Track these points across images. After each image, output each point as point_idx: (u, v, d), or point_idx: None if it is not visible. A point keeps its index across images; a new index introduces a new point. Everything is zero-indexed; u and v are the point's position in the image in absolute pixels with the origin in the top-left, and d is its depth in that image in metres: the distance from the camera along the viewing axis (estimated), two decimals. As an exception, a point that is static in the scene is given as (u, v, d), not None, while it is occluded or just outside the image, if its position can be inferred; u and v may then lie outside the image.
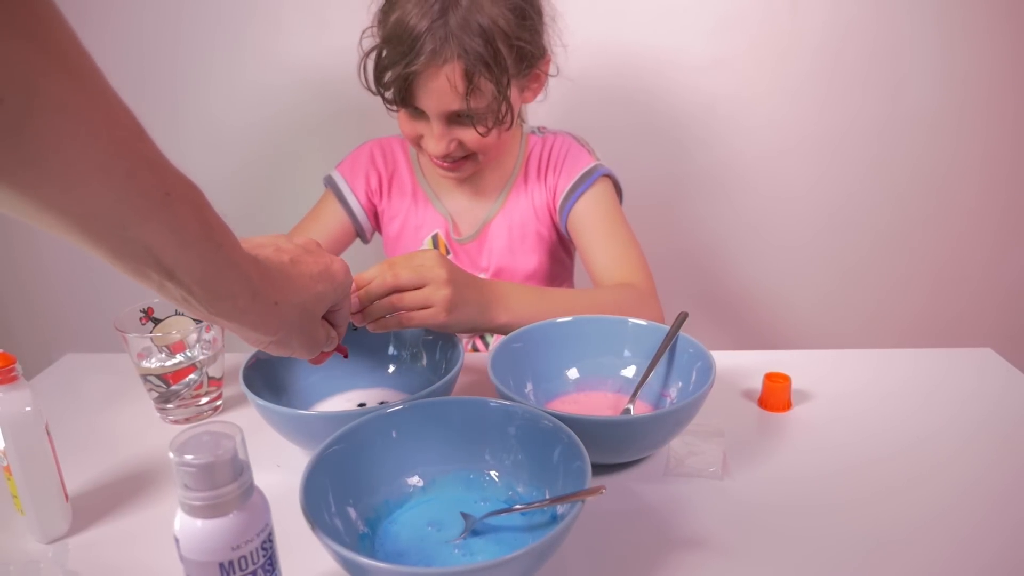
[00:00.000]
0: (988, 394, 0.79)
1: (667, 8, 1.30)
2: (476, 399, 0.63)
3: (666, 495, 0.65)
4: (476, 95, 0.85)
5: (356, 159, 1.09)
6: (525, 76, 0.92)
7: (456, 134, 0.90)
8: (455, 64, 0.83)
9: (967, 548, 0.58)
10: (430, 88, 0.85)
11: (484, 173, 1.03)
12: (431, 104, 0.87)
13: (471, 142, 0.91)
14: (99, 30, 1.37)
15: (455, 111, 0.87)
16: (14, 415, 0.58)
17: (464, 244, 1.07)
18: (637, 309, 0.84)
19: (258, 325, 0.51)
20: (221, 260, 0.46)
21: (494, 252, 1.05)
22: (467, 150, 0.92)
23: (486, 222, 1.05)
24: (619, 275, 0.94)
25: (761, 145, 1.39)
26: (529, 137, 1.06)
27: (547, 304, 0.83)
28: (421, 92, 0.86)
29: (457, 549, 0.56)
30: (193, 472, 0.42)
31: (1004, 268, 1.48)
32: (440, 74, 0.84)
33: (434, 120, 0.89)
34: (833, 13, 1.30)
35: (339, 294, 0.60)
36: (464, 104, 0.85)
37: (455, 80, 0.84)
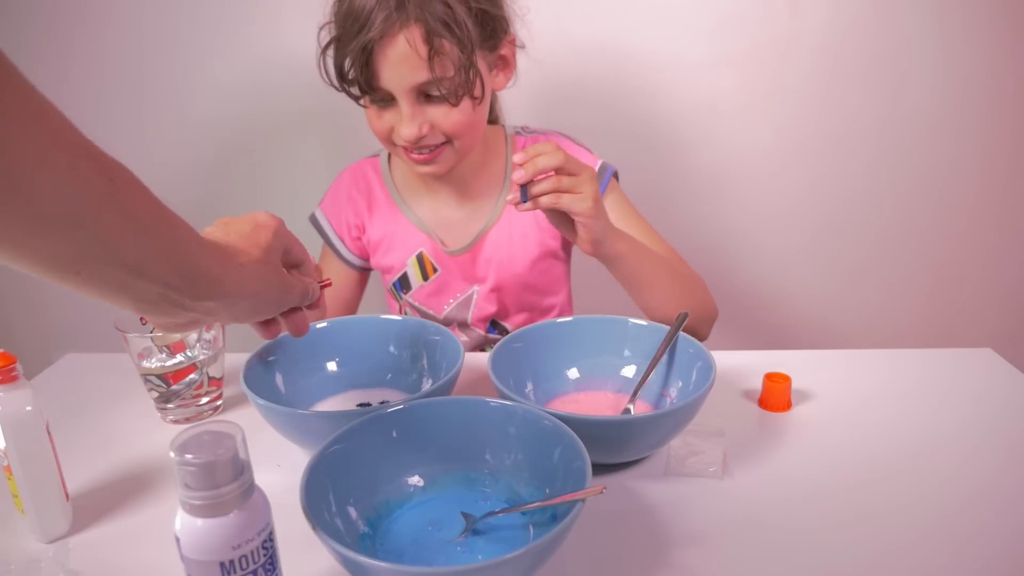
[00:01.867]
0: (988, 394, 0.80)
1: (667, 8, 1.30)
2: (476, 399, 0.63)
3: (666, 495, 0.65)
4: (440, 61, 0.81)
5: (334, 197, 1.06)
6: (491, 51, 0.88)
7: (427, 115, 0.86)
8: (413, 28, 0.79)
9: (968, 548, 0.58)
10: (391, 59, 0.81)
11: (467, 178, 0.99)
12: (395, 78, 0.82)
13: (444, 123, 0.86)
14: (98, 30, 1.37)
15: (421, 85, 0.83)
16: (14, 415, 0.58)
17: (457, 256, 1.02)
18: (702, 293, 0.90)
19: (237, 290, 0.50)
20: (181, 238, 0.45)
21: (493, 263, 1.01)
22: (441, 135, 0.87)
23: (483, 232, 1.01)
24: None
25: (761, 145, 1.39)
26: (515, 138, 1.03)
27: (650, 256, 0.87)
28: (383, 67, 0.82)
29: (457, 548, 0.56)
30: (194, 471, 0.42)
31: (1004, 268, 1.48)
32: (399, 40, 0.80)
33: (402, 99, 0.84)
34: (833, 13, 1.30)
35: (283, 238, 0.58)
36: (429, 71, 0.81)
37: (416, 44, 0.80)
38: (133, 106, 1.42)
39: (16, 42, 1.38)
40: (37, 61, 1.39)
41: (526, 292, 1.03)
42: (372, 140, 0.94)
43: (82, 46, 1.38)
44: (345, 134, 1.41)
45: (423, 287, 1.04)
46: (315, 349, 0.80)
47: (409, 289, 1.05)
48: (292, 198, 1.48)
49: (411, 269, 1.04)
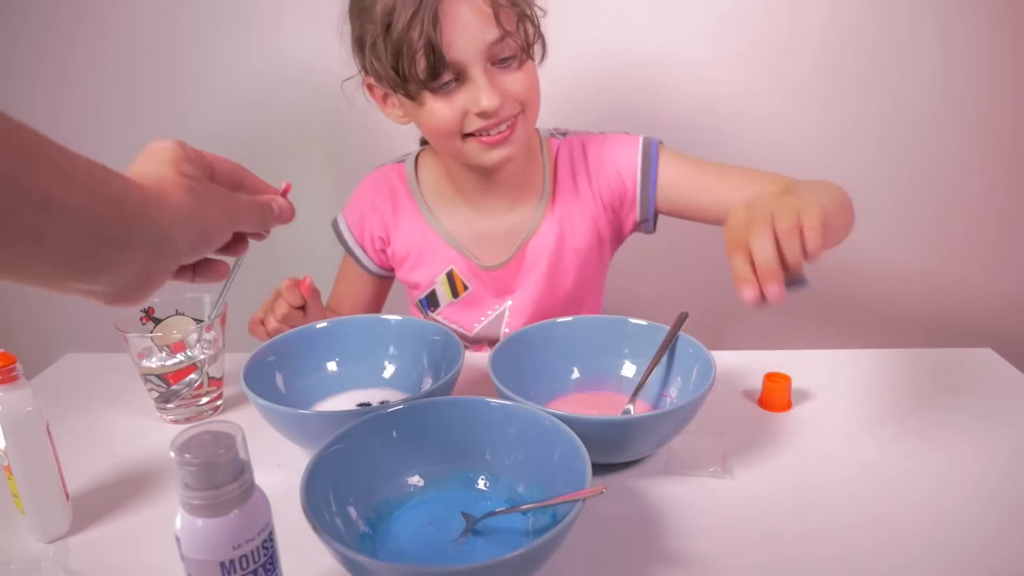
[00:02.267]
0: (988, 394, 0.79)
1: (667, 8, 1.30)
2: (476, 399, 0.63)
3: (666, 495, 0.65)
4: (504, 14, 0.79)
5: (357, 204, 1.03)
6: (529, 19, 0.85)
7: (499, 84, 0.82)
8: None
9: (967, 547, 0.58)
10: (459, 22, 0.77)
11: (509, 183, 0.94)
12: (465, 41, 0.78)
13: (516, 89, 0.83)
14: (100, 30, 1.37)
15: (492, 44, 0.79)
16: (15, 415, 0.58)
17: (494, 271, 0.97)
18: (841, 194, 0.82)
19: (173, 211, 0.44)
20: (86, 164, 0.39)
21: (532, 276, 0.96)
22: (515, 105, 0.83)
23: (523, 243, 0.96)
24: (769, 181, 0.89)
25: (761, 145, 1.39)
26: (550, 141, 0.98)
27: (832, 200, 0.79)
28: (452, 34, 0.78)
29: (457, 548, 0.56)
30: (194, 471, 0.42)
31: (1004, 268, 1.48)
32: (462, 3, 0.78)
33: (475, 67, 0.80)
34: (832, 13, 1.30)
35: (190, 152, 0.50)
36: (498, 27, 0.78)
37: (481, 2, 0.78)
38: (133, 107, 1.42)
39: (16, 43, 1.38)
40: (37, 62, 1.39)
41: (559, 304, 0.98)
42: (372, 144, 0.94)
43: (82, 47, 1.38)
44: (345, 137, 1.41)
45: (452, 304, 1.00)
46: (315, 349, 0.80)
47: (437, 307, 1.01)
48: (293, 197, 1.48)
49: (440, 287, 0.99)
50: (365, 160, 1.44)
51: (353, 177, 1.32)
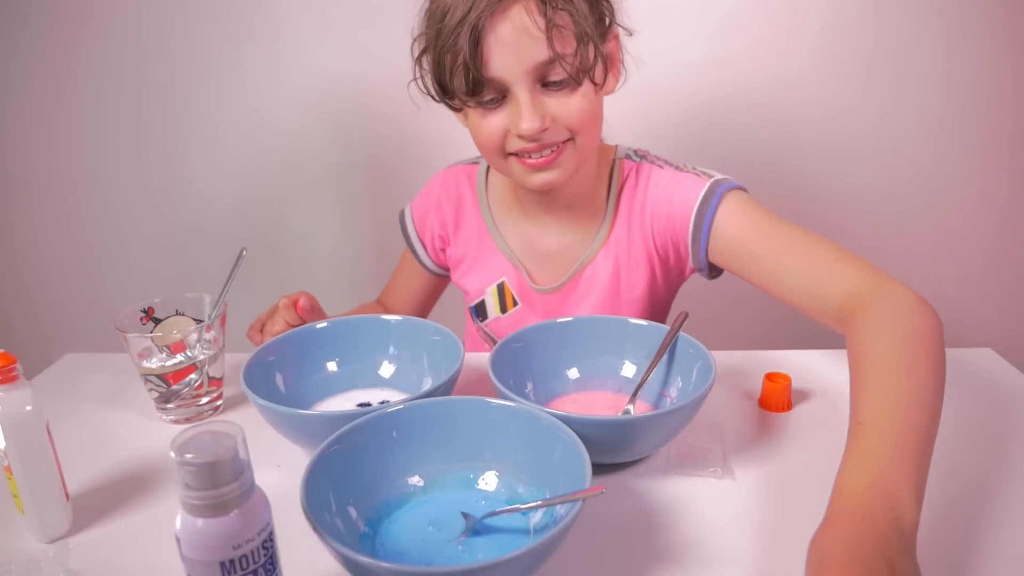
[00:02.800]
0: (988, 394, 0.79)
1: (667, 8, 1.30)
2: (476, 399, 0.63)
3: (666, 495, 0.65)
4: (559, 35, 0.72)
5: (424, 200, 1.00)
6: (602, 37, 0.78)
7: (546, 106, 0.76)
8: (528, 3, 0.72)
9: (967, 548, 0.58)
10: (504, 38, 0.72)
11: (572, 202, 0.89)
12: (510, 60, 0.73)
13: (566, 113, 0.76)
14: (98, 32, 1.37)
15: (541, 65, 0.73)
16: (14, 415, 0.58)
17: (546, 294, 0.93)
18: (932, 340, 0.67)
19: None
20: None
21: (584, 304, 0.92)
22: (564, 130, 0.78)
23: (580, 268, 0.91)
24: (834, 281, 0.73)
25: (761, 145, 1.39)
26: (623, 163, 0.90)
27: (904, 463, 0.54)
28: (495, 50, 0.73)
29: (457, 548, 0.56)
30: (194, 471, 0.42)
31: (1005, 268, 1.48)
32: (512, 15, 0.72)
33: (519, 86, 0.74)
34: (832, 13, 1.30)
35: None
36: (549, 48, 0.72)
37: (532, 16, 0.71)
38: (133, 109, 1.42)
39: (17, 44, 1.38)
40: (38, 63, 1.39)
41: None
42: (374, 152, 0.93)
43: (83, 47, 1.38)
44: (349, 143, 1.41)
45: (500, 319, 0.98)
46: (315, 349, 0.80)
47: (486, 317, 0.99)
48: (294, 197, 1.49)
49: (489, 298, 0.97)
50: (368, 167, 1.44)
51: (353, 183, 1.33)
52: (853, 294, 0.71)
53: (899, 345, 0.66)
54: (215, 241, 1.47)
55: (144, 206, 1.49)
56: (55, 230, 1.54)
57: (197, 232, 1.49)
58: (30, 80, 1.40)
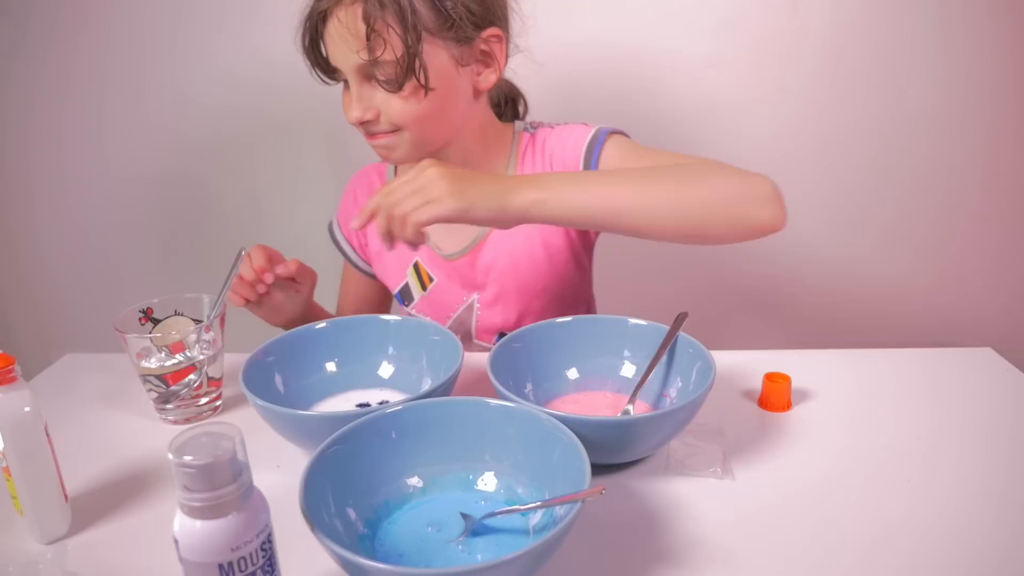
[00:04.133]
0: (988, 394, 0.79)
1: (667, 8, 1.30)
2: (476, 399, 0.63)
3: (666, 495, 0.64)
4: (379, 43, 0.77)
5: (344, 205, 1.05)
6: (458, 43, 0.82)
7: (375, 100, 0.82)
8: (355, 6, 0.77)
9: (967, 548, 0.58)
10: (332, 35, 0.80)
11: None
12: (339, 58, 0.81)
13: (390, 111, 0.82)
14: (101, 32, 1.37)
15: (363, 65, 0.80)
16: (14, 415, 0.58)
17: (454, 260, 0.97)
18: (731, 170, 0.75)
19: None
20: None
21: (495, 269, 0.95)
22: (389, 123, 0.83)
23: (483, 235, 0.95)
24: None
25: (762, 145, 1.39)
26: (521, 135, 0.96)
27: (595, 174, 0.75)
28: (329, 45, 0.81)
29: (457, 549, 0.56)
30: (192, 473, 0.42)
31: (1006, 268, 1.48)
32: (340, 16, 0.79)
33: (349, 78, 0.82)
34: (834, 13, 1.29)
35: None
36: (368, 53, 0.78)
37: (353, 22, 0.77)
38: (134, 109, 1.42)
39: (18, 43, 1.38)
40: (39, 62, 1.39)
41: (533, 301, 0.97)
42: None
43: (84, 47, 1.38)
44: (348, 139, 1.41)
45: (423, 298, 1.01)
46: (315, 349, 0.80)
47: (411, 300, 1.02)
48: (293, 197, 1.49)
49: (411, 279, 1.01)
50: (368, 162, 1.44)
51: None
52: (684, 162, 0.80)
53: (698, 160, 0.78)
54: (215, 241, 1.47)
55: (144, 206, 1.49)
56: (55, 230, 1.54)
57: (197, 232, 1.49)
58: (30, 80, 1.40)
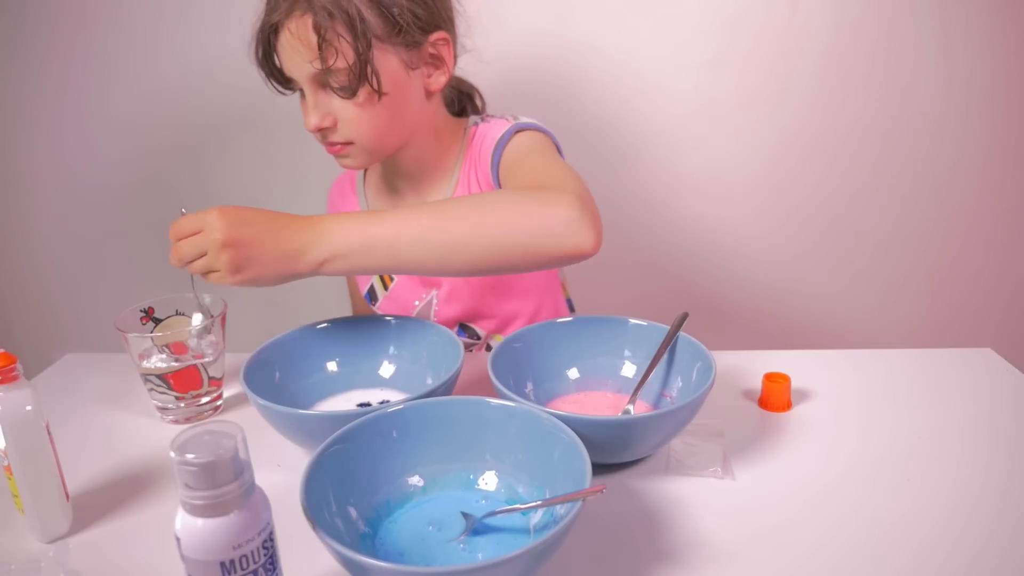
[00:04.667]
0: (988, 394, 0.80)
1: (667, 8, 1.30)
2: (476, 399, 0.63)
3: (666, 495, 0.65)
4: (331, 52, 0.78)
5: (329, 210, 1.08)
6: (407, 48, 0.83)
7: (331, 108, 0.83)
8: (304, 17, 0.78)
9: (967, 548, 0.58)
10: (285, 46, 0.81)
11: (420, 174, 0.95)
12: (293, 68, 0.82)
13: (345, 120, 0.83)
14: (101, 32, 1.37)
15: (317, 74, 0.80)
16: (14, 415, 0.58)
17: None
18: (533, 198, 0.71)
19: None
20: None
21: None
22: (344, 133, 0.84)
23: None
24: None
25: (762, 145, 1.39)
26: (472, 129, 0.96)
27: (381, 223, 0.70)
28: (283, 56, 0.82)
29: (458, 548, 0.56)
30: (194, 471, 0.42)
31: (1008, 269, 1.48)
32: (292, 27, 0.79)
33: (305, 87, 0.83)
34: (835, 13, 1.30)
35: None
36: (320, 62, 0.78)
37: (304, 32, 0.78)
38: (135, 108, 1.42)
39: (18, 43, 1.38)
40: (39, 62, 1.39)
41: (486, 295, 0.98)
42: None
43: (84, 46, 1.38)
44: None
45: (386, 297, 1.04)
46: (315, 349, 0.80)
47: (376, 300, 1.05)
48: (294, 197, 1.49)
49: (374, 280, 1.04)
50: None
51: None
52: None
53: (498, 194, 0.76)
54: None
55: (144, 206, 1.49)
56: (55, 230, 1.54)
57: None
58: (31, 79, 1.40)
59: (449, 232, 0.70)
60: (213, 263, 0.69)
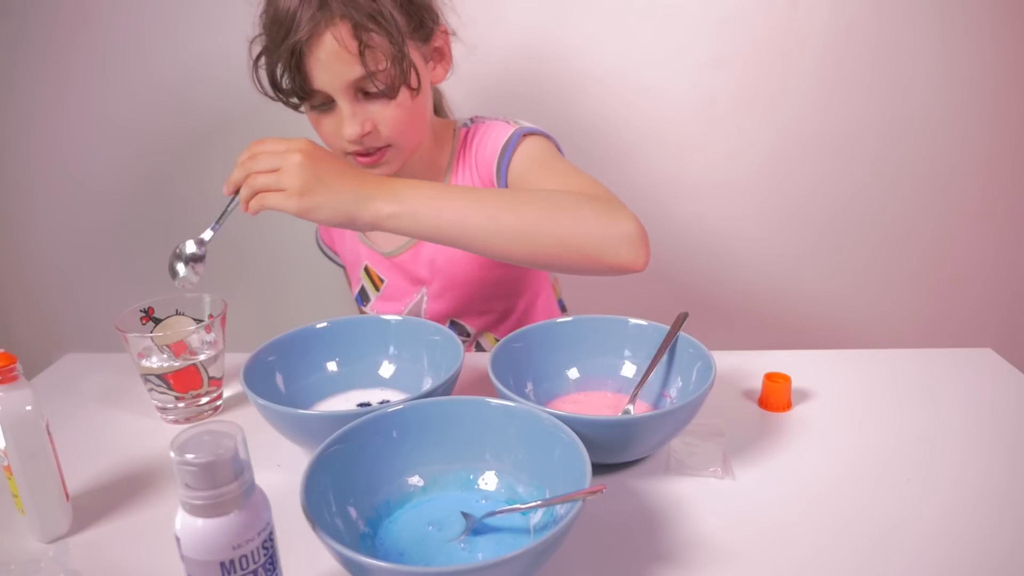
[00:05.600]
0: (988, 394, 0.80)
1: (667, 8, 1.30)
2: (476, 399, 0.63)
3: (666, 495, 0.65)
4: (372, 54, 0.78)
5: None
6: (424, 42, 0.85)
7: (368, 112, 0.82)
8: (340, 25, 0.77)
9: (967, 548, 0.58)
10: (321, 59, 0.78)
11: (414, 174, 0.94)
12: (328, 78, 0.79)
13: (385, 122, 0.83)
14: (101, 31, 1.37)
15: (357, 81, 0.80)
16: (14, 415, 0.58)
17: (395, 257, 0.99)
18: (598, 208, 0.74)
19: None
20: None
21: (437, 263, 0.97)
22: (383, 137, 0.84)
23: None
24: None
25: (762, 146, 1.39)
26: (462, 130, 0.97)
27: (453, 193, 0.74)
28: (315, 68, 0.79)
29: (458, 548, 0.56)
30: (194, 471, 0.42)
31: (1007, 269, 1.48)
32: (327, 39, 0.77)
33: (340, 98, 0.81)
34: (835, 13, 1.30)
35: None
36: (362, 66, 0.78)
37: (344, 40, 0.77)
38: (135, 108, 1.42)
39: (18, 42, 1.38)
40: (39, 61, 1.39)
41: (477, 293, 0.99)
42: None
43: (84, 45, 1.38)
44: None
45: (378, 297, 1.04)
46: (315, 349, 0.80)
47: (369, 301, 1.06)
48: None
49: (366, 283, 1.05)
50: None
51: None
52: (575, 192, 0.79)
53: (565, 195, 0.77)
54: (216, 241, 1.46)
55: (145, 206, 1.49)
56: (55, 230, 1.54)
57: (198, 232, 1.49)
58: (31, 79, 1.40)
59: (522, 218, 0.73)
60: (283, 179, 0.69)
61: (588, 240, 0.73)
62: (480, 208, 0.73)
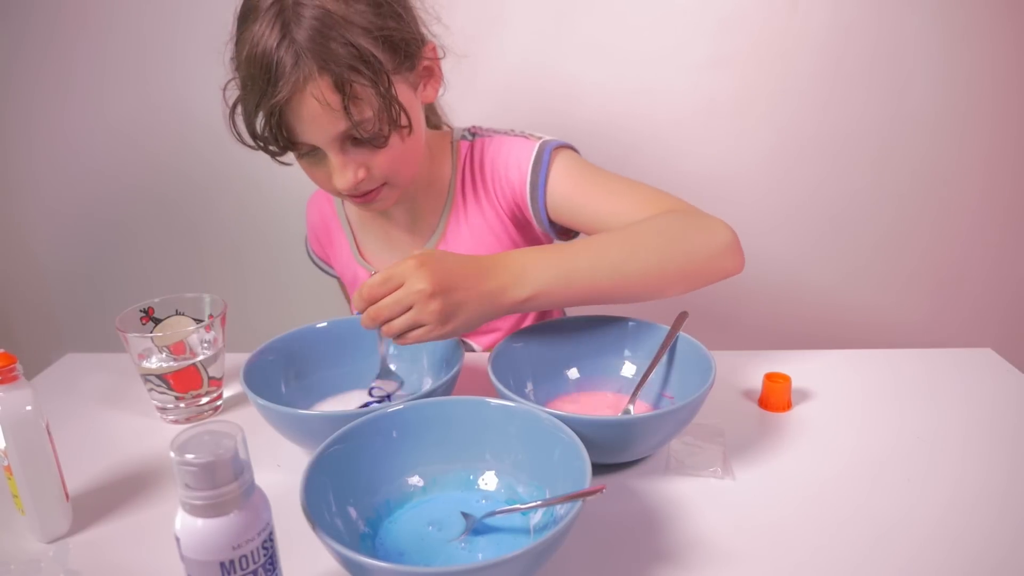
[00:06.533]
0: (988, 394, 0.80)
1: (667, 8, 1.30)
2: (476, 399, 0.63)
3: (666, 495, 0.65)
4: (357, 104, 0.74)
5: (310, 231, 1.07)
6: (411, 71, 0.80)
7: (360, 159, 0.79)
8: (320, 80, 0.72)
9: (968, 548, 0.58)
10: (304, 117, 0.74)
11: (416, 196, 0.92)
12: (315, 134, 0.75)
13: (378, 165, 0.79)
14: (101, 31, 1.37)
15: (344, 132, 0.76)
16: (14, 415, 0.58)
17: None
18: (696, 225, 0.76)
19: None
20: None
21: None
22: (378, 178, 0.81)
23: (433, 245, 0.94)
24: (647, 212, 0.80)
25: (762, 146, 1.39)
26: (460, 144, 0.94)
27: (575, 258, 0.73)
28: (299, 126, 0.75)
29: (458, 548, 0.56)
30: (194, 471, 0.42)
31: (1007, 269, 1.48)
32: (307, 97, 0.72)
33: (328, 150, 0.77)
34: (834, 13, 1.30)
35: None
36: (347, 119, 0.74)
37: (326, 96, 0.72)
38: (135, 108, 1.42)
39: (18, 43, 1.38)
40: (39, 62, 1.39)
41: None
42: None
43: (84, 46, 1.38)
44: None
45: None
46: (315, 349, 0.80)
47: None
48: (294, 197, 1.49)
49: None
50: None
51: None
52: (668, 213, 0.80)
53: (665, 222, 0.77)
54: (216, 241, 1.47)
55: (145, 206, 1.49)
56: (56, 230, 1.54)
57: (197, 232, 1.49)
58: (31, 80, 1.41)
59: (644, 264, 0.74)
60: (421, 316, 0.66)
61: (704, 263, 0.77)
62: (603, 262, 0.73)
